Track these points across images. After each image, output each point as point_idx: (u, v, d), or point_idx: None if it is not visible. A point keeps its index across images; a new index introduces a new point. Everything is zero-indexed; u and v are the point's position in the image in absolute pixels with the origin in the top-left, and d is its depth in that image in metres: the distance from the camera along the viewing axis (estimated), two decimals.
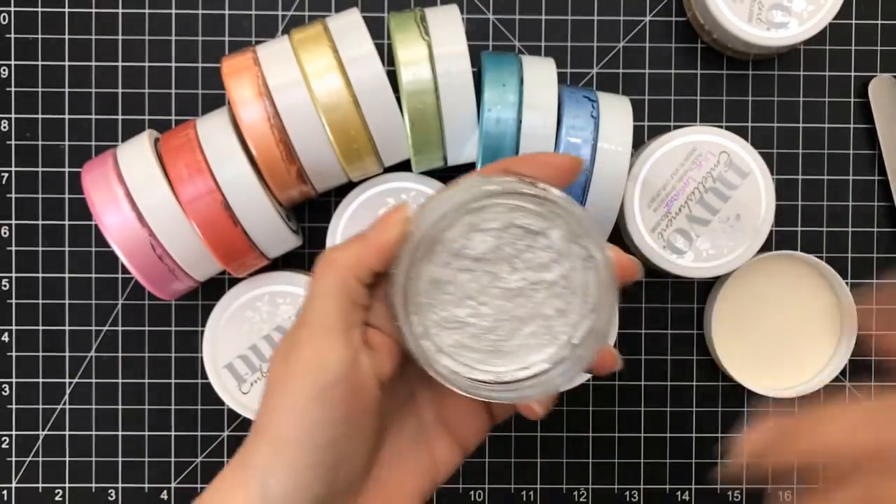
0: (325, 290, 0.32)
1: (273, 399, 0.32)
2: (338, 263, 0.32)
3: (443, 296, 0.33)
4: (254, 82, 0.42)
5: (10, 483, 0.51)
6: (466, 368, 0.33)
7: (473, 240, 0.33)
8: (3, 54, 0.50)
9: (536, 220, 0.33)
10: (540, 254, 0.33)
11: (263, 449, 0.32)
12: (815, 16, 0.47)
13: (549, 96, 0.44)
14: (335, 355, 0.31)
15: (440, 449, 0.36)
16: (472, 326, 0.33)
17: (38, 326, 0.51)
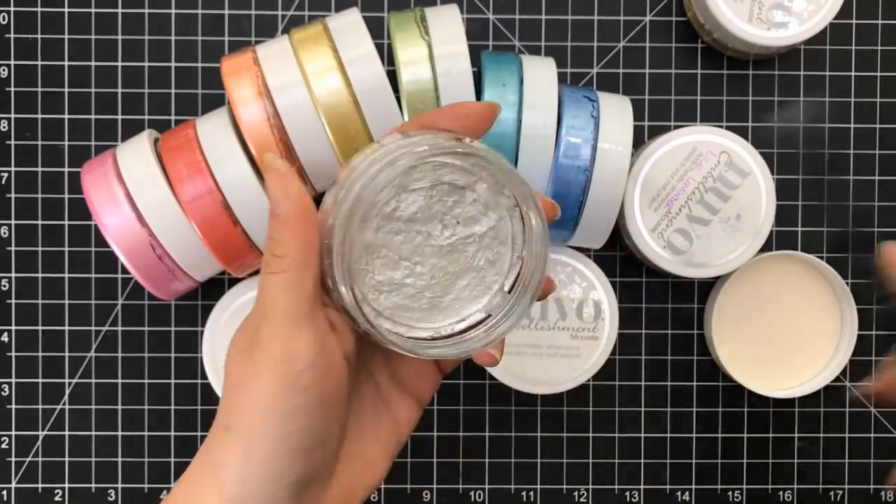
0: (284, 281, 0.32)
1: (239, 394, 0.32)
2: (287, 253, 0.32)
3: (377, 260, 0.33)
4: (254, 82, 0.42)
5: (10, 483, 0.51)
6: (406, 328, 0.34)
7: (404, 201, 0.32)
8: (3, 54, 0.50)
9: (462, 176, 0.33)
10: (468, 208, 0.33)
11: (234, 445, 0.31)
12: (815, 16, 0.47)
13: (549, 96, 0.44)
14: (303, 343, 0.31)
15: (399, 409, 0.36)
16: (409, 287, 0.33)
17: (37, 326, 0.51)
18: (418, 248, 0.33)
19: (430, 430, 0.51)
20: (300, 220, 0.32)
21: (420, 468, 0.51)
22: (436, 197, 0.33)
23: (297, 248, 0.32)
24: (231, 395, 0.32)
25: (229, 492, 0.31)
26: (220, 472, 0.31)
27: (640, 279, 0.51)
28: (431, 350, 0.33)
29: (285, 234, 0.32)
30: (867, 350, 0.51)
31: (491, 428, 0.52)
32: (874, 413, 0.52)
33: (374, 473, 0.35)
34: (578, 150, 0.43)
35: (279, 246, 0.32)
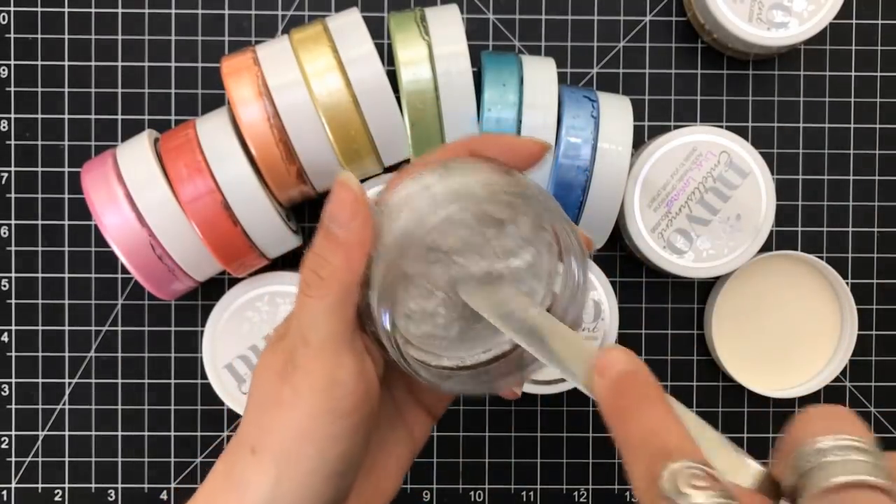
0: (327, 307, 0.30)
1: (271, 417, 0.31)
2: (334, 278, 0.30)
3: (413, 289, 0.32)
4: (254, 82, 0.42)
5: (10, 483, 0.51)
6: (433, 356, 0.33)
7: (447, 234, 0.32)
8: (3, 54, 0.50)
9: (506, 210, 0.32)
10: (507, 241, 0.32)
11: (265, 468, 0.30)
12: (815, 16, 0.47)
13: (549, 96, 0.44)
14: (346, 371, 0.30)
15: (414, 422, 0.36)
16: (440, 317, 0.33)
17: (37, 326, 0.51)
18: (454, 279, 0.32)
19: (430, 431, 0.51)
20: (360, 248, 0.30)
21: (420, 468, 0.51)
22: (477, 229, 0.32)
23: (346, 274, 0.30)
24: (260, 416, 0.31)
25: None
26: (245, 493, 0.31)
27: (640, 279, 0.51)
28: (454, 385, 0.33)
29: (337, 257, 0.30)
30: (867, 350, 0.51)
31: (491, 428, 0.52)
32: (874, 413, 0.52)
33: (389, 487, 0.35)
34: (578, 150, 0.43)
35: (326, 268, 0.30)
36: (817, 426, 0.24)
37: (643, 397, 0.25)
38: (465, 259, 0.32)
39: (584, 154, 0.43)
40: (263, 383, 0.31)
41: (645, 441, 0.24)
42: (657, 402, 0.25)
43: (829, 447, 0.23)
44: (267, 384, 0.31)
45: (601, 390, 0.26)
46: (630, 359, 0.26)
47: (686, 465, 0.23)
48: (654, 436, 0.24)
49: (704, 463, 0.23)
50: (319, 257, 0.31)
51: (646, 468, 0.23)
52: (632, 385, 0.26)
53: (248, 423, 0.32)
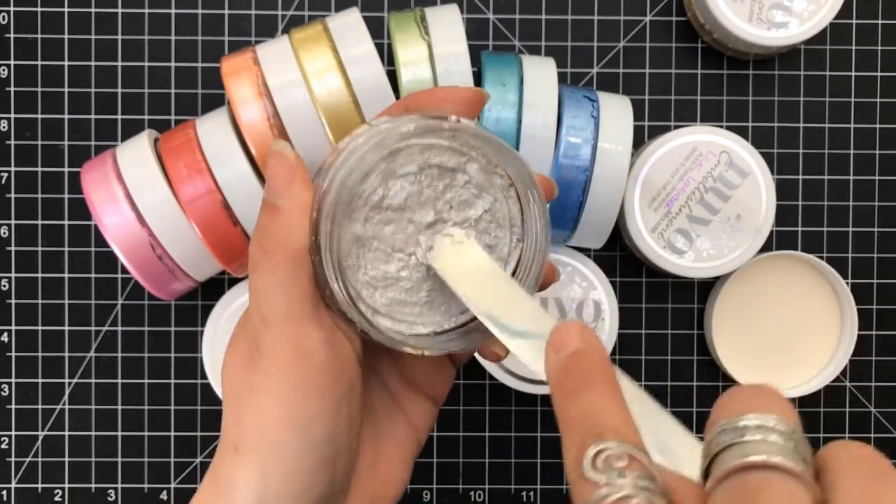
0: (279, 280, 0.29)
1: (246, 409, 0.29)
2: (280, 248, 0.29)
3: (369, 253, 0.31)
4: (254, 82, 0.42)
5: (10, 483, 0.51)
6: (406, 325, 0.32)
7: (391, 188, 0.30)
8: (3, 54, 0.50)
9: (452, 157, 0.31)
10: (461, 191, 0.31)
11: (248, 465, 0.29)
12: (815, 16, 0.47)
13: (549, 96, 0.44)
14: (314, 342, 0.29)
15: (414, 410, 0.34)
16: (405, 280, 0.31)
17: (37, 326, 0.51)
18: (411, 238, 0.31)
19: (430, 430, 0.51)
20: (302, 214, 0.29)
21: (420, 468, 0.51)
22: (425, 181, 0.31)
23: (290, 241, 0.29)
24: (236, 411, 0.30)
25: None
26: (234, 495, 0.29)
27: (640, 279, 0.51)
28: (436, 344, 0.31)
29: (279, 226, 0.29)
30: (867, 350, 0.51)
31: (491, 428, 0.52)
32: (874, 413, 0.52)
33: (395, 482, 0.33)
34: (578, 150, 0.43)
35: (270, 241, 0.29)
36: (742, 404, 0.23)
37: (588, 377, 0.25)
38: (418, 215, 0.31)
39: (584, 154, 0.43)
40: (233, 375, 0.30)
41: (580, 421, 0.24)
42: (602, 382, 0.25)
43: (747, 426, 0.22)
44: (236, 375, 0.30)
45: (550, 368, 0.26)
46: (583, 337, 0.26)
47: (613, 445, 0.22)
48: (590, 416, 0.24)
49: (637, 445, 0.23)
50: (263, 230, 0.29)
51: (576, 448, 0.23)
52: (579, 364, 0.26)
53: (227, 421, 0.30)
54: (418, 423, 0.35)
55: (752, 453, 0.22)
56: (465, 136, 0.30)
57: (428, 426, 0.35)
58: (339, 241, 0.30)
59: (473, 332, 0.32)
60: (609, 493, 0.22)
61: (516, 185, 0.31)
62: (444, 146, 0.30)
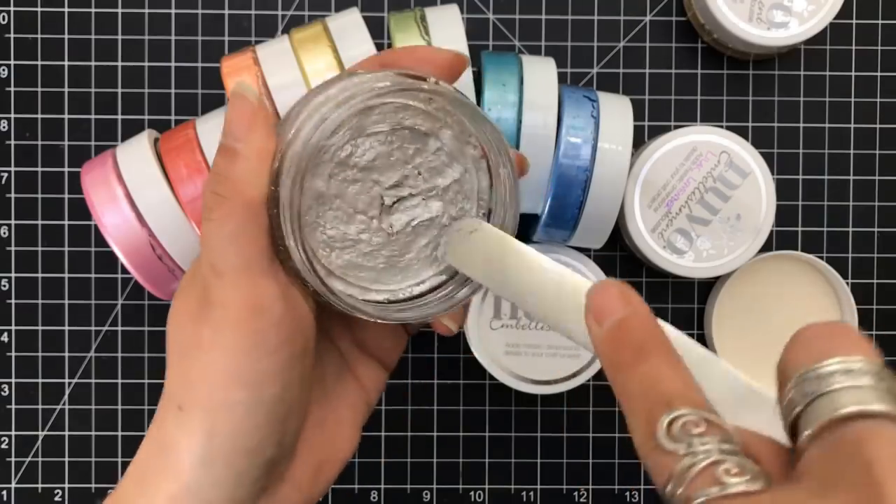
0: (233, 228, 0.27)
1: (193, 365, 0.27)
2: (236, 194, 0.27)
3: (330, 212, 0.29)
4: (253, 82, 0.42)
5: (10, 483, 0.51)
6: (359, 290, 0.31)
7: (360, 146, 0.29)
8: (3, 54, 0.50)
9: (426, 121, 0.29)
10: (431, 157, 0.30)
11: (193, 424, 0.27)
12: (815, 16, 0.47)
13: (549, 96, 0.44)
14: (268, 297, 0.27)
15: (365, 374, 0.33)
16: (363, 244, 0.30)
17: (37, 326, 0.51)
18: (375, 201, 0.30)
19: (430, 430, 0.51)
20: (262, 161, 0.27)
21: (420, 468, 0.51)
22: (396, 143, 0.29)
23: (248, 188, 0.27)
24: (181, 367, 0.28)
25: (188, 479, 0.27)
26: (177, 456, 0.27)
27: (640, 279, 0.51)
28: (388, 313, 0.30)
29: (236, 171, 0.27)
30: None
31: (491, 428, 0.52)
32: None
33: (344, 444, 0.32)
34: (578, 150, 0.43)
35: (226, 186, 0.27)
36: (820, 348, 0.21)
37: (641, 348, 0.24)
38: (384, 177, 0.30)
39: (584, 154, 0.43)
40: (179, 330, 0.28)
41: (643, 394, 0.23)
42: (657, 349, 0.24)
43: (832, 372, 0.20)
44: (183, 330, 0.28)
45: (597, 343, 0.25)
46: (624, 300, 0.25)
47: (686, 411, 0.21)
48: (653, 387, 0.23)
49: (707, 409, 0.21)
50: (218, 175, 0.27)
51: (645, 422, 0.22)
52: (629, 335, 0.24)
53: (171, 378, 0.28)
54: (368, 387, 0.33)
55: (846, 404, 0.20)
56: (442, 100, 0.29)
57: (378, 390, 0.34)
58: (301, 196, 0.28)
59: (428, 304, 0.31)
60: (695, 462, 0.20)
61: (489, 156, 0.30)
62: (420, 109, 0.29)
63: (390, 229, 0.30)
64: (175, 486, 0.27)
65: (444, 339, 0.51)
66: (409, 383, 0.51)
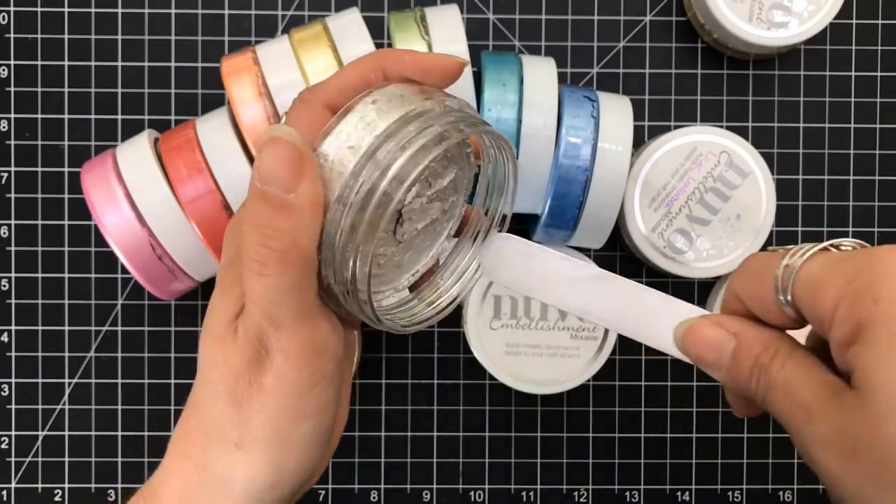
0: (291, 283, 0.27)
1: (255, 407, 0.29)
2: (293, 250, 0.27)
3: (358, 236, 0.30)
4: (254, 82, 0.42)
5: (10, 483, 0.51)
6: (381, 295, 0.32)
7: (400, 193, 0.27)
8: (3, 54, 0.50)
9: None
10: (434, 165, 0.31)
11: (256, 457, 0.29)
12: (815, 16, 0.47)
13: (549, 96, 0.44)
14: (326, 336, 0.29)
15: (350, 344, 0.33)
16: (382, 256, 0.31)
17: (37, 326, 0.51)
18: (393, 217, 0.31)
19: (430, 430, 0.51)
20: (315, 213, 0.27)
21: (420, 468, 0.51)
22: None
23: (304, 241, 0.27)
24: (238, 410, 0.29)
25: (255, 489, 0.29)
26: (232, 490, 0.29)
27: (641, 279, 0.51)
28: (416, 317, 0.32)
29: (290, 224, 0.26)
30: None
31: (491, 428, 0.52)
32: None
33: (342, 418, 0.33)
34: (578, 150, 0.43)
35: (280, 239, 0.26)
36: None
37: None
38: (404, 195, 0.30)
39: (584, 154, 0.43)
40: (233, 377, 0.29)
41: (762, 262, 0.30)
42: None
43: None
44: (238, 378, 0.29)
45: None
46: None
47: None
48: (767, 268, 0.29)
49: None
50: (269, 227, 0.26)
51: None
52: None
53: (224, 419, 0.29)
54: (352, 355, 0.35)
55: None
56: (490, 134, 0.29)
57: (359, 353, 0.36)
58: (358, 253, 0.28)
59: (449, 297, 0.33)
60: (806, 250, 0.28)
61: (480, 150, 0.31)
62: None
63: (402, 238, 0.32)
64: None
65: (444, 338, 0.51)
66: (409, 383, 0.51)
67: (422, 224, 0.32)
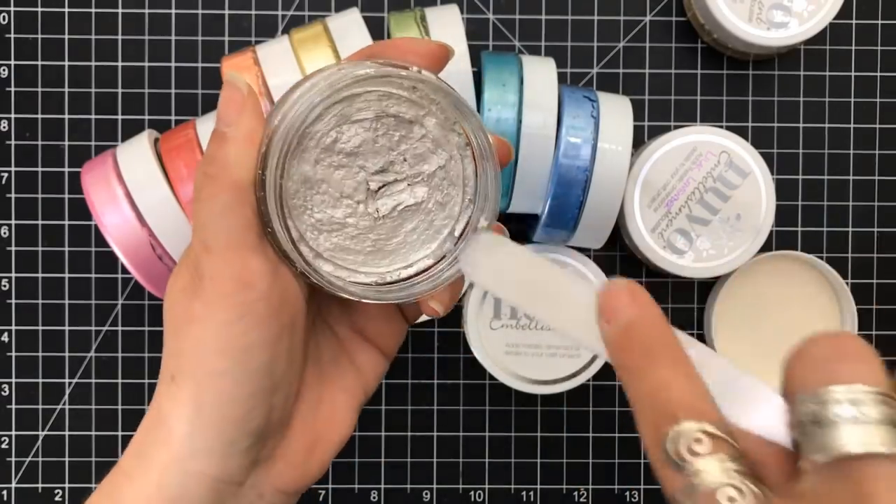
0: (221, 207, 0.28)
1: (185, 337, 0.29)
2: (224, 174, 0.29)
3: (317, 196, 0.31)
4: (254, 82, 0.42)
5: (10, 483, 0.51)
6: (348, 272, 0.32)
7: (345, 133, 0.30)
8: (3, 54, 0.50)
9: (410, 108, 0.30)
10: (416, 144, 0.31)
11: (183, 393, 0.28)
12: (815, 16, 0.47)
13: (549, 96, 0.44)
14: (255, 271, 0.28)
15: (363, 360, 0.34)
16: (351, 227, 0.31)
17: (37, 326, 0.51)
18: (361, 186, 0.31)
19: (430, 430, 0.51)
20: (249, 144, 0.29)
21: (420, 468, 0.51)
22: (381, 130, 0.31)
23: (235, 169, 0.29)
24: (175, 339, 0.29)
25: (179, 448, 0.28)
26: (169, 426, 0.29)
27: (641, 279, 0.51)
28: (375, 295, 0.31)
29: (225, 155, 0.29)
30: None
31: (491, 428, 0.52)
32: None
33: (339, 426, 0.33)
34: (578, 150, 0.43)
35: (215, 167, 0.29)
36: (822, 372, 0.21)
37: (648, 351, 0.24)
38: (370, 163, 0.31)
39: (584, 154, 0.43)
40: (172, 304, 0.29)
41: (651, 399, 0.23)
42: (664, 354, 0.24)
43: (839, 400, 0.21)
44: (175, 304, 0.29)
45: (607, 343, 0.25)
46: (635, 302, 0.25)
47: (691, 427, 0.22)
48: (660, 395, 0.23)
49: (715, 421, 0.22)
50: (208, 157, 0.29)
51: (652, 430, 0.22)
52: (637, 338, 0.25)
53: (167, 351, 0.29)
54: (366, 372, 0.34)
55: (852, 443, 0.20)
56: (426, 88, 0.30)
57: (377, 376, 0.34)
58: (287, 179, 0.30)
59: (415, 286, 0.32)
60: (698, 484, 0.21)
61: (472, 143, 0.31)
62: (404, 97, 0.30)
63: (377, 213, 0.32)
64: (167, 455, 0.29)
65: (444, 338, 0.51)
66: (409, 383, 0.51)
67: (403, 205, 0.32)
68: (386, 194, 0.31)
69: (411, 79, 0.30)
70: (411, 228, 0.32)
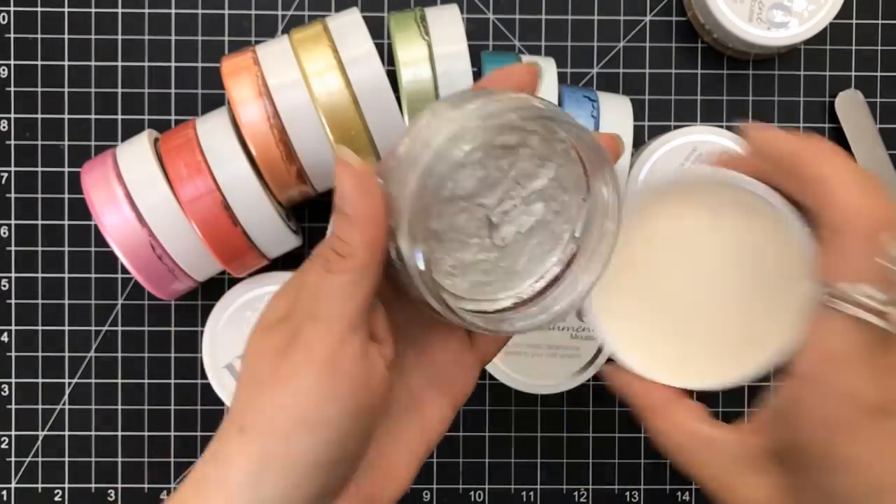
0: (343, 285, 0.29)
1: (264, 395, 0.29)
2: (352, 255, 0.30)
3: (446, 244, 0.31)
4: (254, 82, 0.42)
5: (10, 483, 0.51)
6: (488, 303, 0.32)
7: (460, 180, 0.30)
8: (3, 54, 0.50)
9: (513, 135, 0.30)
10: (525, 164, 0.31)
11: (251, 447, 0.29)
12: (815, 16, 0.47)
13: (550, 96, 0.44)
14: (351, 351, 0.29)
15: (431, 411, 0.34)
16: (483, 262, 0.32)
17: (37, 326, 0.51)
18: (483, 221, 0.31)
19: None
20: (373, 222, 0.30)
21: (420, 468, 0.51)
22: (491, 164, 0.30)
23: (364, 252, 0.30)
24: (252, 395, 0.30)
25: (236, 494, 0.29)
26: (229, 472, 0.29)
27: None
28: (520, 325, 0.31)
29: (353, 234, 0.30)
30: None
31: (491, 428, 0.52)
32: None
33: (397, 482, 0.33)
34: None
35: (345, 246, 0.30)
36: None
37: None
38: (488, 199, 0.31)
39: None
40: (259, 361, 0.30)
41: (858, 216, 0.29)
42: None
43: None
44: (265, 361, 0.30)
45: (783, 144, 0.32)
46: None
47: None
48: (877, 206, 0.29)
49: None
50: (337, 238, 0.30)
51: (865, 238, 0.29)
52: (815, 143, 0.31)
53: (240, 402, 0.30)
54: (432, 426, 0.34)
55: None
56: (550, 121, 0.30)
57: (441, 431, 0.35)
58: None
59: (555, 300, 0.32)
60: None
61: (577, 146, 0.31)
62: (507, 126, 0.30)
63: (502, 242, 0.32)
64: (223, 499, 0.29)
65: None
66: None
67: (525, 227, 0.32)
68: (507, 221, 0.32)
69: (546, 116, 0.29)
70: (536, 243, 0.32)
